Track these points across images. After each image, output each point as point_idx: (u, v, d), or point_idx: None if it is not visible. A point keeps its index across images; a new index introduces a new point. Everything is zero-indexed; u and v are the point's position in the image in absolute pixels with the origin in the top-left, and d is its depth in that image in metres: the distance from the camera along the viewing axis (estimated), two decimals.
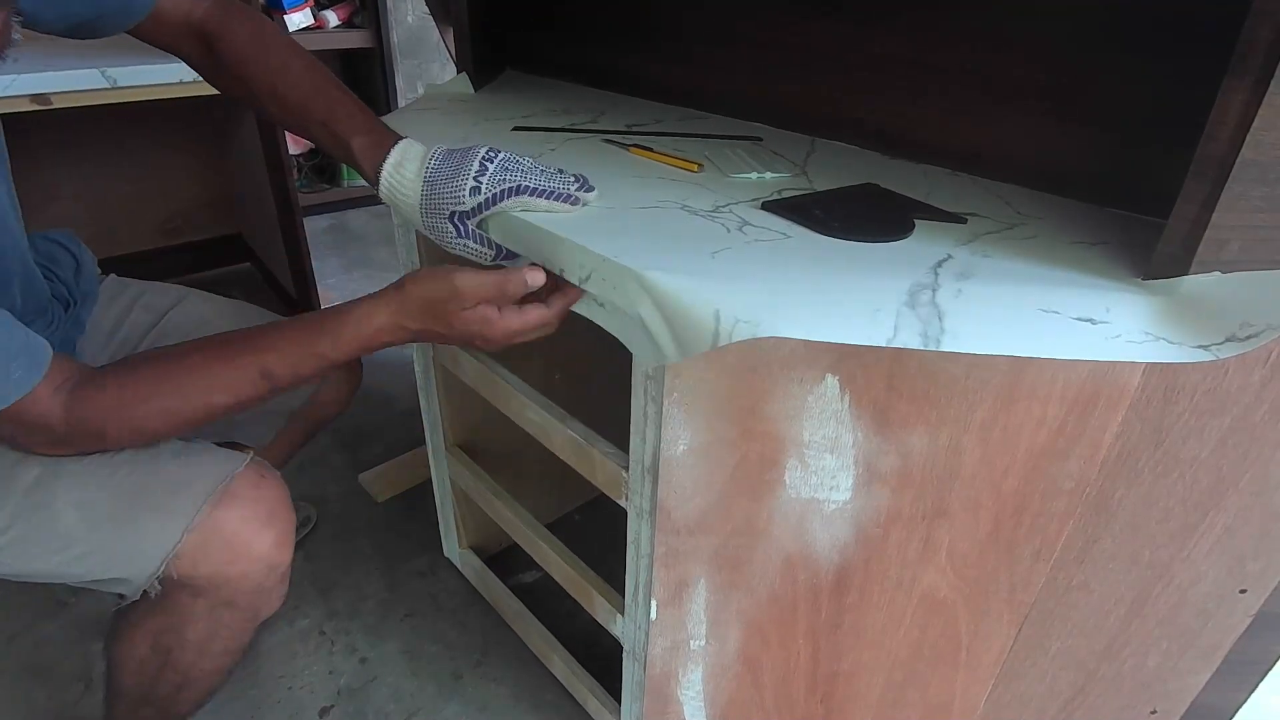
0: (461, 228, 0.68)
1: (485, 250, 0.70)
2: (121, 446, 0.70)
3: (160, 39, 0.75)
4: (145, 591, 0.71)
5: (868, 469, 0.67)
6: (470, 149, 0.68)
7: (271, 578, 0.75)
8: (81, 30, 0.71)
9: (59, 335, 0.81)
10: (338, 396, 1.06)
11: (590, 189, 0.68)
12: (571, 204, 0.67)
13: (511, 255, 0.70)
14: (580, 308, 0.67)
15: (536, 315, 0.65)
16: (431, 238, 0.70)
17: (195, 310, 0.95)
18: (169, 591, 0.72)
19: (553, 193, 0.66)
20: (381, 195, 0.71)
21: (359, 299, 0.66)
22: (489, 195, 0.66)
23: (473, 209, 0.66)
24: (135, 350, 0.90)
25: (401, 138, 0.71)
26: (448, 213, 0.67)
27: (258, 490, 0.73)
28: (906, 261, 0.59)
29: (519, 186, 0.66)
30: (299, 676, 1.11)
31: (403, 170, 0.69)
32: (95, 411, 0.64)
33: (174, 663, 0.79)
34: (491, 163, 0.67)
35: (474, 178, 0.66)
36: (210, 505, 0.70)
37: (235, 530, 0.71)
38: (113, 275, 0.97)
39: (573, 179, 0.68)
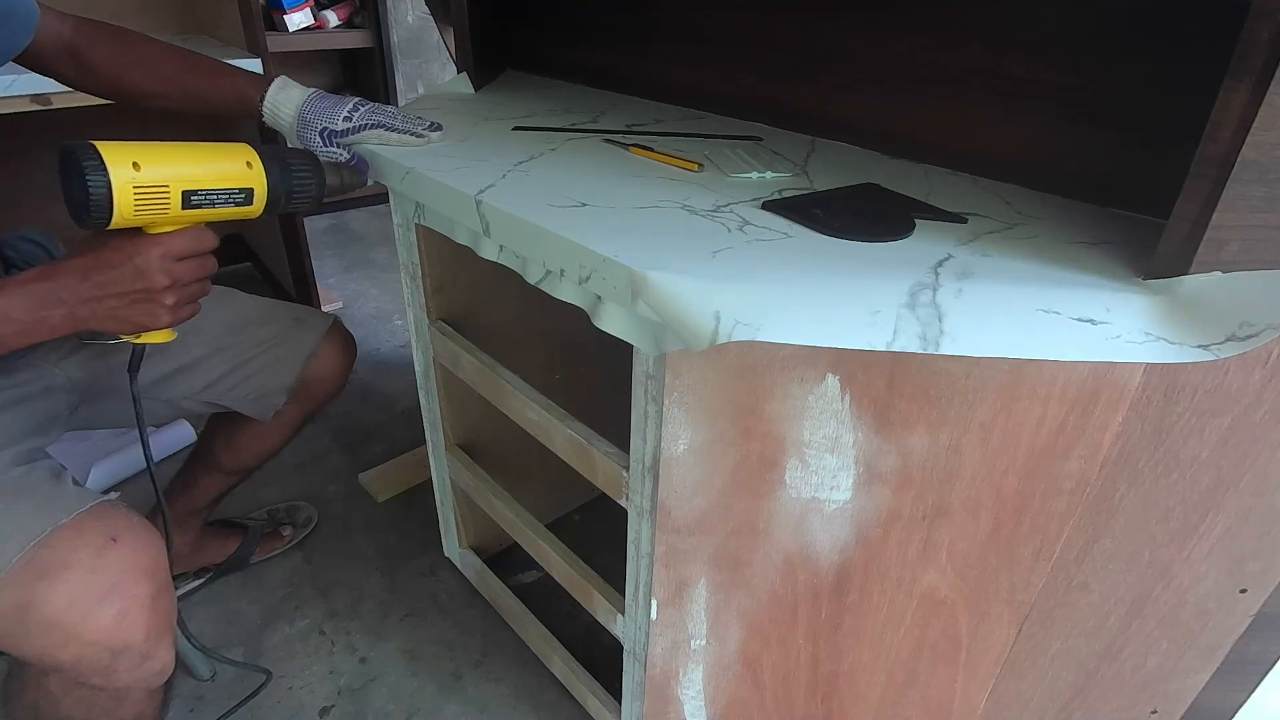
0: (327, 140, 0.82)
1: (340, 153, 0.83)
2: None
3: (38, 63, 0.82)
4: None
5: (868, 469, 0.67)
6: (345, 97, 0.84)
7: (122, 660, 0.65)
8: None
9: None
10: (332, 373, 1.06)
11: (438, 129, 0.85)
12: (419, 140, 0.84)
13: (363, 162, 0.84)
14: (580, 306, 0.67)
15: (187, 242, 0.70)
16: (298, 145, 0.83)
17: None
18: (16, 661, 0.66)
19: (405, 130, 0.83)
20: (264, 113, 0.83)
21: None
22: (358, 124, 0.82)
23: (342, 130, 0.82)
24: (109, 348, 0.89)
25: (278, 76, 0.85)
26: (319, 128, 0.82)
27: (99, 558, 0.64)
28: (907, 261, 0.59)
29: (379, 122, 0.82)
30: (299, 676, 1.11)
31: (288, 91, 0.83)
32: None
33: None
34: (364, 105, 0.83)
35: (348, 111, 0.82)
36: (25, 573, 0.61)
37: (57, 610, 0.61)
38: None
39: (426, 122, 0.85)
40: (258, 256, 2.25)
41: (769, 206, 0.69)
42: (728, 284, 0.55)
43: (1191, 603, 0.77)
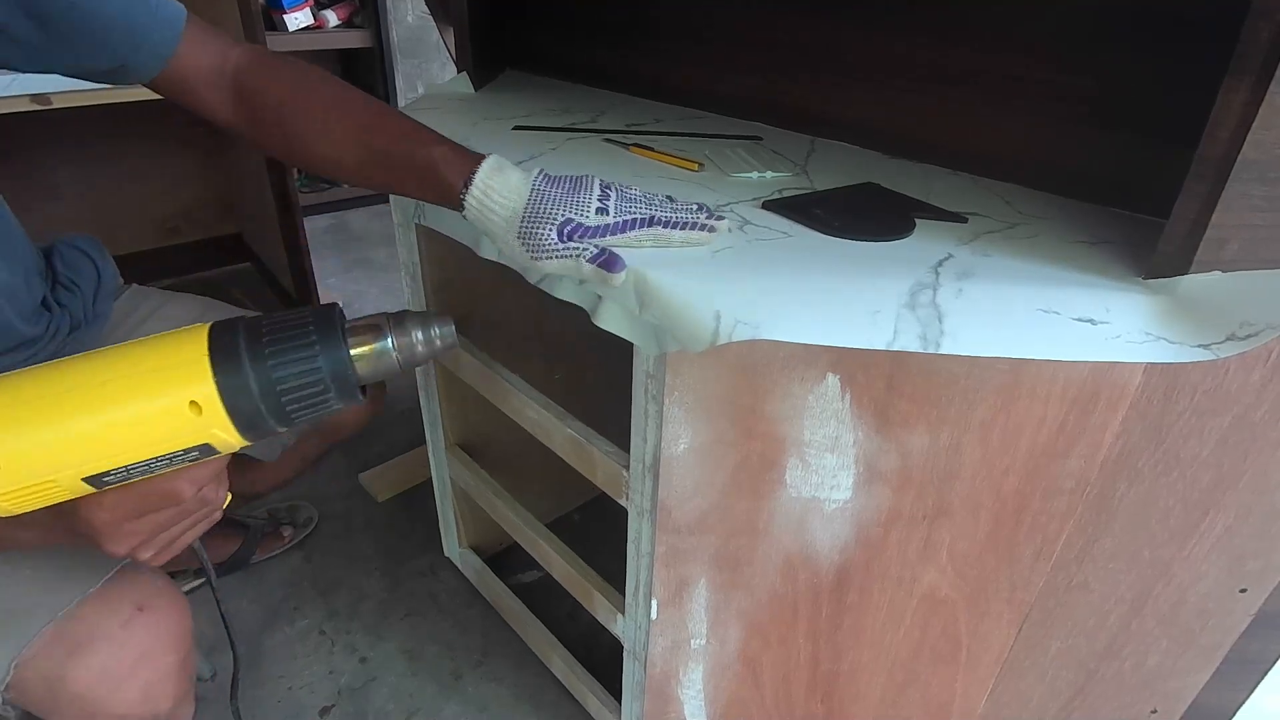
0: (566, 238, 0.58)
1: (586, 249, 0.57)
2: None
3: (185, 95, 0.65)
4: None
5: (868, 468, 0.67)
6: (582, 175, 0.61)
7: None
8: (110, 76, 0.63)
9: (49, 355, 0.77)
10: (358, 418, 1.04)
11: (721, 218, 0.61)
12: (708, 232, 0.60)
13: (615, 257, 0.57)
14: (576, 304, 0.67)
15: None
16: (516, 251, 0.60)
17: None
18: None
19: (687, 223, 0.59)
20: (470, 200, 0.60)
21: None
22: (618, 221, 0.58)
23: (598, 228, 0.58)
24: None
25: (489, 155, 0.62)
26: (560, 220, 0.57)
27: (126, 630, 0.62)
28: (907, 260, 0.59)
29: (652, 218, 0.58)
30: (299, 676, 1.11)
31: (504, 173, 0.60)
32: None
33: None
34: (612, 190, 0.60)
35: (599, 200, 0.59)
36: (54, 646, 0.59)
37: (87, 685, 0.60)
38: (135, 285, 0.94)
39: (695, 207, 0.61)
40: (258, 256, 2.25)
41: (769, 206, 0.69)
42: (728, 283, 0.55)
43: (1191, 602, 0.77)
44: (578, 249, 0.57)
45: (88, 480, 0.44)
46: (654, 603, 0.74)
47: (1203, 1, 0.60)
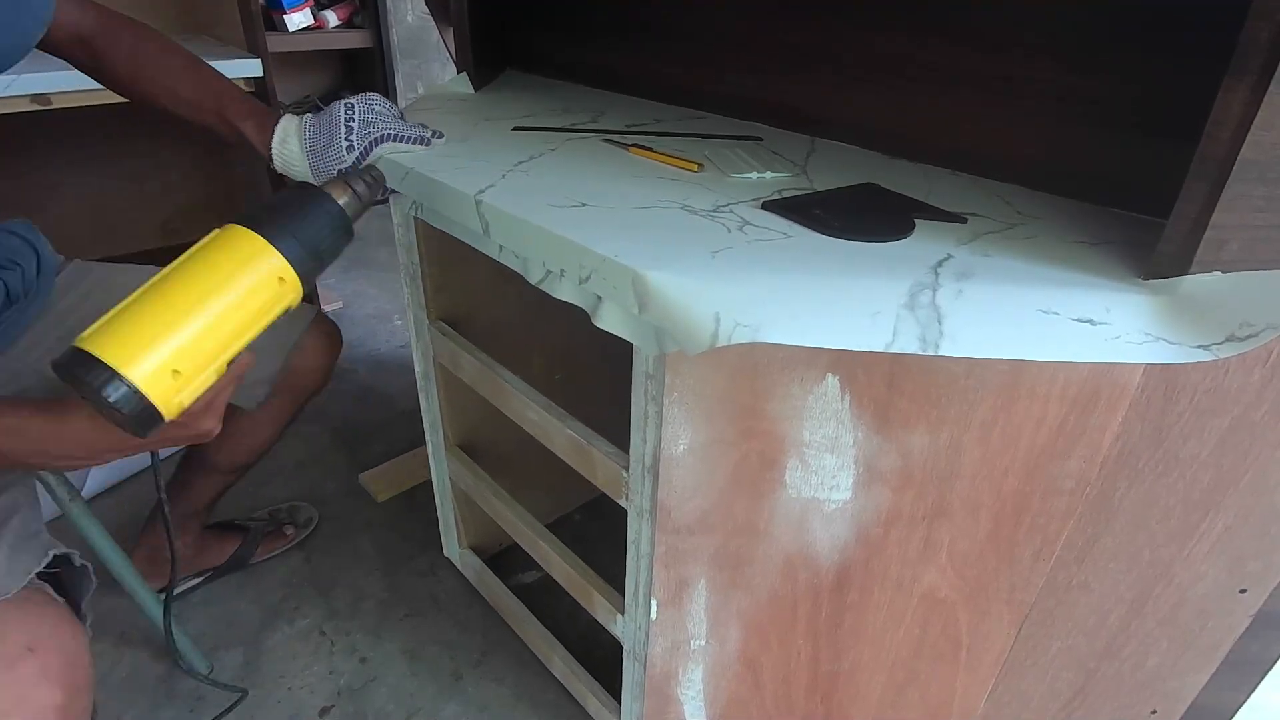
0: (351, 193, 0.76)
1: (363, 191, 0.74)
2: None
3: (51, 49, 0.79)
4: None
5: (868, 468, 0.67)
6: (331, 109, 0.80)
7: None
8: None
9: None
10: (316, 364, 1.05)
11: (440, 136, 0.84)
12: (425, 145, 0.82)
13: (376, 188, 0.75)
14: (580, 306, 0.67)
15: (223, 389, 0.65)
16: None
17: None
18: None
19: (408, 137, 0.80)
20: (278, 169, 0.81)
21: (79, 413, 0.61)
22: (361, 149, 0.79)
23: (353, 164, 0.79)
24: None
25: (281, 115, 0.81)
26: (334, 172, 0.79)
27: (9, 670, 0.61)
28: (907, 261, 0.59)
29: (383, 135, 0.79)
30: (299, 676, 1.11)
31: (288, 145, 0.80)
32: None
33: None
34: (355, 120, 0.79)
35: (345, 139, 0.78)
36: None
37: None
38: (76, 260, 0.95)
39: (422, 126, 0.82)
40: None
41: (769, 206, 0.69)
42: (727, 284, 0.55)
43: (1191, 602, 0.77)
44: (360, 195, 0.73)
45: (229, 364, 0.57)
46: (654, 603, 0.74)
47: (1203, 2, 0.60)
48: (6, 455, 0.60)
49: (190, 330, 0.53)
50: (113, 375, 0.49)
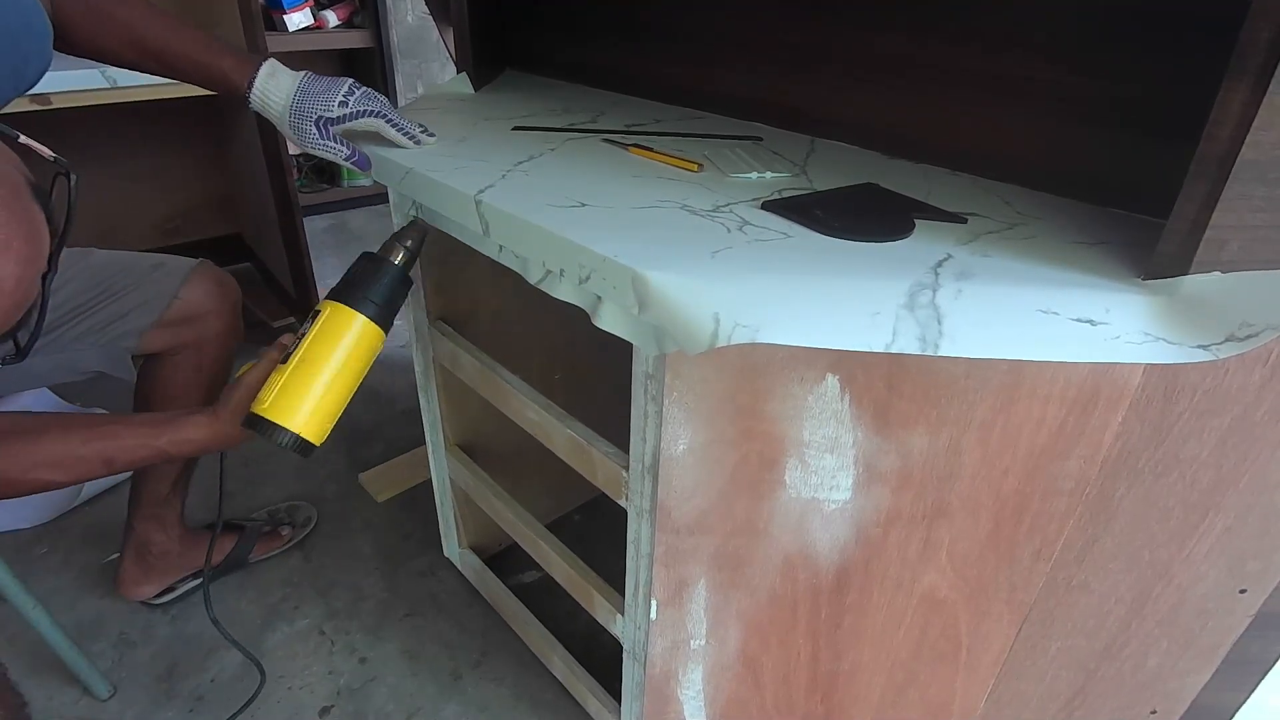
0: (324, 131, 0.80)
1: (341, 149, 0.81)
2: None
3: None
4: None
5: (868, 469, 0.67)
6: (338, 78, 0.81)
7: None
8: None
9: None
10: (204, 311, 1.04)
11: (432, 135, 0.85)
12: (414, 142, 0.82)
13: (365, 160, 0.83)
14: (580, 306, 0.67)
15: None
16: (293, 138, 0.81)
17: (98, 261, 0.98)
18: None
19: (401, 127, 0.81)
20: (252, 102, 0.80)
21: (196, 410, 0.79)
22: (354, 110, 0.80)
23: (338, 117, 0.80)
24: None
25: (267, 59, 0.81)
26: (314, 117, 0.79)
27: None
28: (907, 261, 0.59)
29: (378, 111, 0.81)
30: (299, 676, 1.11)
31: (276, 79, 0.79)
32: None
33: None
34: (358, 89, 0.81)
35: (343, 95, 0.79)
36: None
37: None
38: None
39: (420, 127, 0.83)
40: (257, 256, 2.25)
41: (769, 206, 0.69)
42: (727, 284, 0.55)
43: (1191, 602, 0.77)
44: (335, 148, 0.80)
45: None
46: (654, 603, 0.74)
47: (1203, 1, 0.60)
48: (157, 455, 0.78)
49: (320, 389, 0.76)
50: (281, 429, 0.75)
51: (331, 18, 2.46)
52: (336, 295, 0.78)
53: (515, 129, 0.93)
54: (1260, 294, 0.54)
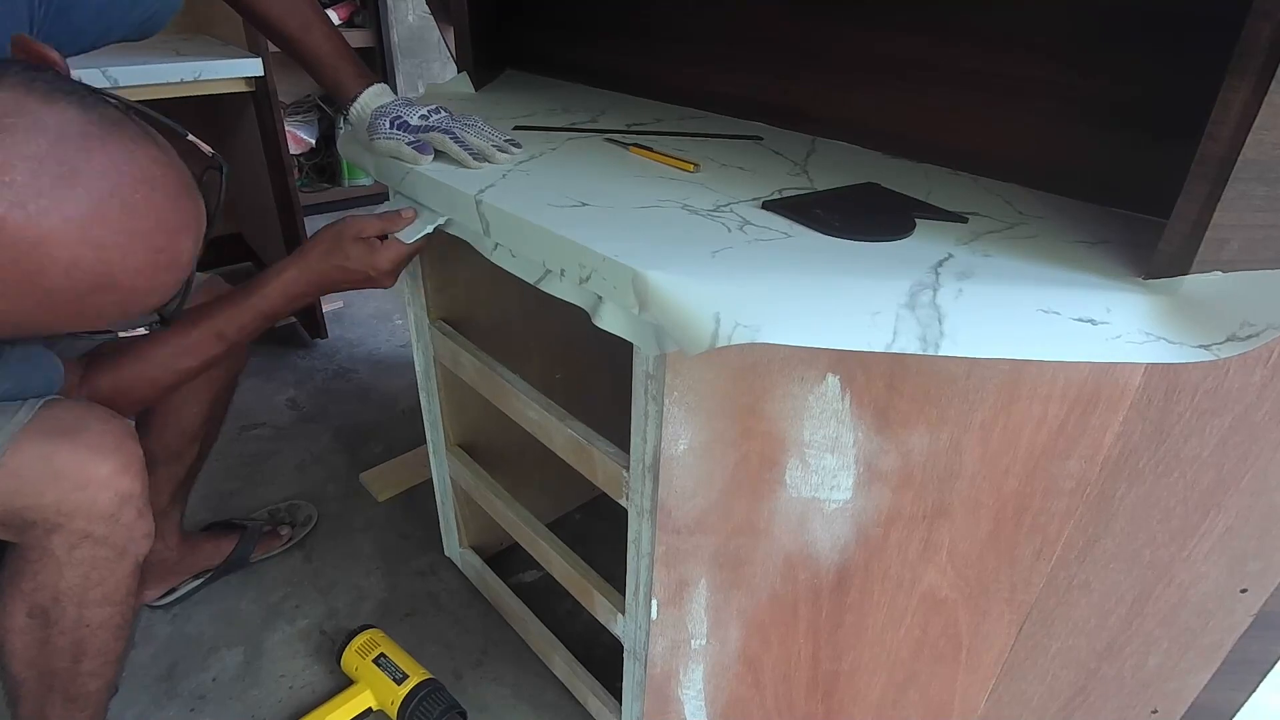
0: (392, 125, 0.83)
1: (404, 136, 0.83)
2: (131, 414, 0.82)
3: None
4: None
5: (868, 468, 0.67)
6: (436, 105, 0.86)
7: (127, 509, 0.74)
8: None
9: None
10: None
11: (517, 146, 0.84)
12: (477, 163, 0.81)
13: (425, 144, 0.83)
14: (580, 306, 0.67)
15: (409, 247, 0.82)
16: (366, 135, 0.86)
17: None
18: (21, 539, 0.73)
19: (475, 152, 0.81)
20: (351, 111, 0.87)
21: (283, 263, 0.84)
22: (431, 124, 0.84)
23: (418, 127, 0.83)
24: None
25: (383, 82, 0.88)
26: (392, 115, 0.84)
27: (105, 421, 0.74)
28: (907, 261, 0.59)
29: (449, 130, 0.83)
30: (299, 676, 1.11)
31: (381, 98, 0.86)
32: (101, 392, 0.80)
33: (56, 623, 0.77)
34: (444, 110, 0.84)
35: (426, 110, 0.84)
36: (45, 428, 0.71)
37: (80, 459, 0.71)
38: None
39: (501, 138, 0.83)
40: (258, 257, 2.25)
41: (769, 206, 0.69)
42: (727, 284, 0.55)
43: (1192, 602, 0.77)
44: (401, 137, 0.82)
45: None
46: (654, 603, 0.74)
47: (1204, 1, 0.60)
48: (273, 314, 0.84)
49: None
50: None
51: (332, 17, 2.46)
52: None
53: (516, 128, 0.93)
54: (1261, 293, 0.54)
